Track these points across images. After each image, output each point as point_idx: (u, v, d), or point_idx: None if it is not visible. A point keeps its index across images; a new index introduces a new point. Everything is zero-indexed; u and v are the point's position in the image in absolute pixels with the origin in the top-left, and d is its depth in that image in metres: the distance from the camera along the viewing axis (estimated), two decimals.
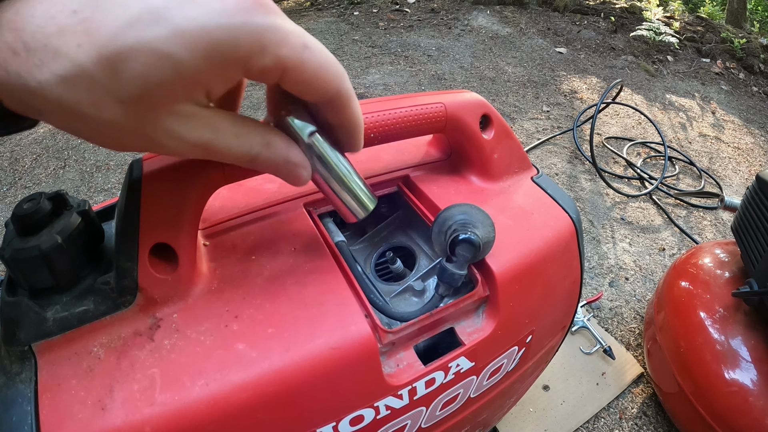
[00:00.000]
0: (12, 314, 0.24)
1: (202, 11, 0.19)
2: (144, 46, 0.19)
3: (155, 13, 0.19)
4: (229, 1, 0.19)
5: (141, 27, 0.18)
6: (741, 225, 0.69)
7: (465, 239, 0.31)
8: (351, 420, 0.29)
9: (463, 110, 0.38)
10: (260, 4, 0.20)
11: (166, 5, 0.19)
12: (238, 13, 0.19)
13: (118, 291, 0.25)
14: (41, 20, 0.18)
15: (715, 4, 4.35)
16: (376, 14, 2.55)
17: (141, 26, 0.18)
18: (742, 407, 0.58)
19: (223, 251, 0.31)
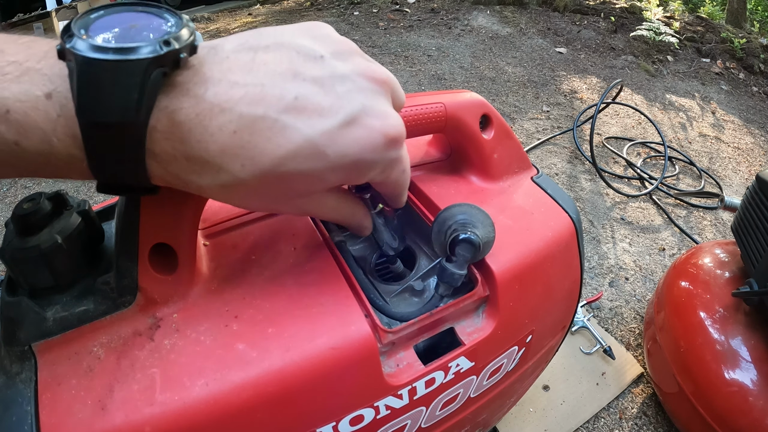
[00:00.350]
0: (12, 314, 0.24)
1: (355, 146, 0.22)
2: (301, 174, 0.22)
3: (314, 149, 0.21)
4: (378, 139, 0.22)
5: (301, 160, 0.21)
6: (741, 225, 0.69)
7: (465, 239, 0.31)
8: (351, 420, 0.29)
9: (463, 110, 0.38)
10: (396, 141, 0.23)
11: (324, 140, 0.21)
12: (383, 149, 0.23)
13: (118, 291, 0.25)
14: (201, 137, 0.20)
15: (715, 4, 4.35)
16: (376, 14, 2.55)
17: (301, 159, 0.21)
18: (742, 407, 0.58)
19: (223, 251, 0.31)
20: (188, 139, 0.20)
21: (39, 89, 0.19)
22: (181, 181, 0.21)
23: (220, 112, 0.20)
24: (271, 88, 0.21)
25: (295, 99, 0.21)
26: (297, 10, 2.77)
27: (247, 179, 0.21)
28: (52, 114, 0.19)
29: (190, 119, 0.20)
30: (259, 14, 2.77)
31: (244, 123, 0.20)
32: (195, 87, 0.20)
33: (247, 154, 0.21)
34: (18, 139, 0.19)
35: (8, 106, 0.18)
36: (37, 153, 0.19)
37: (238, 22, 2.65)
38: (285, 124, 0.21)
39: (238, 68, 0.21)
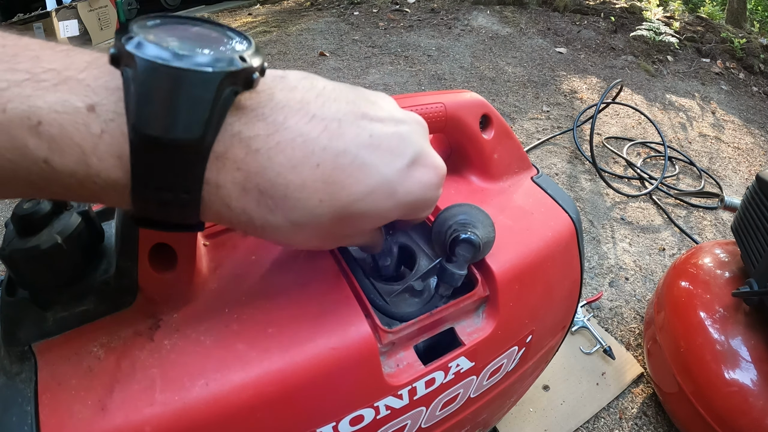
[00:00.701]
0: (12, 314, 0.24)
1: (419, 185, 0.23)
2: (373, 212, 0.22)
3: (388, 189, 0.21)
4: (434, 180, 0.23)
5: (376, 198, 0.21)
6: (741, 225, 0.69)
7: (465, 239, 0.31)
8: (351, 420, 0.29)
9: (463, 110, 0.38)
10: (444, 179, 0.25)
11: (396, 180, 0.21)
12: (437, 187, 0.24)
13: (118, 291, 0.25)
14: (283, 168, 0.19)
15: (715, 4, 4.35)
16: (376, 14, 2.55)
17: (376, 197, 0.21)
18: (742, 407, 0.58)
19: (223, 251, 0.31)
20: (266, 170, 0.19)
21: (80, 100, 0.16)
22: (244, 216, 0.20)
23: (304, 143, 0.19)
24: (347, 124, 0.20)
25: (370, 137, 0.21)
26: (297, 10, 2.77)
27: (321, 216, 0.20)
28: (94, 129, 0.16)
29: (269, 147, 0.18)
30: (259, 14, 2.77)
31: (327, 157, 0.19)
32: (272, 113, 0.19)
33: (328, 189, 0.20)
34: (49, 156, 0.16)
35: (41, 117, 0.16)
36: (70, 174, 0.17)
37: (238, 22, 2.65)
38: (364, 161, 0.20)
39: (312, 100, 0.20)
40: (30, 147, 0.16)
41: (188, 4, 3.17)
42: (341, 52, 2.09)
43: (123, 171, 0.17)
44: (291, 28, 2.40)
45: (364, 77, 1.86)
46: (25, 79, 0.16)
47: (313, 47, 2.13)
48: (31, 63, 0.16)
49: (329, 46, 2.14)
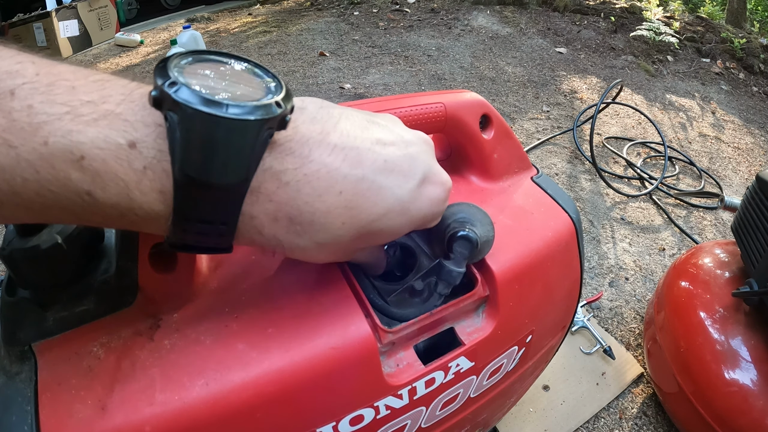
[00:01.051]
0: (12, 314, 0.24)
1: (428, 202, 0.25)
2: (388, 230, 0.23)
3: (403, 207, 0.23)
4: (441, 195, 0.25)
5: (391, 217, 0.23)
6: (741, 225, 0.69)
7: (462, 236, 0.31)
8: (351, 420, 0.29)
9: (463, 110, 0.38)
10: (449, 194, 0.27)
11: (409, 200, 0.23)
12: (443, 201, 0.26)
13: (118, 291, 0.25)
14: (310, 197, 0.21)
15: (715, 4, 4.35)
16: (376, 14, 2.55)
17: (391, 216, 0.23)
18: (742, 407, 0.58)
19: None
20: (295, 200, 0.20)
21: (121, 137, 0.17)
22: (274, 241, 0.21)
23: (327, 173, 0.21)
24: (365, 152, 0.22)
25: (384, 162, 0.22)
26: (297, 10, 2.77)
27: (343, 236, 0.22)
28: (137, 165, 0.17)
29: (297, 180, 0.20)
30: (259, 14, 2.77)
31: (349, 184, 0.21)
32: (299, 147, 0.20)
33: (349, 213, 0.21)
34: (92, 189, 0.17)
35: (83, 152, 0.16)
36: (112, 206, 0.17)
37: (238, 22, 2.65)
38: (380, 184, 0.22)
39: (331, 131, 0.22)
40: (73, 180, 0.16)
41: (188, 4, 3.17)
42: (341, 52, 2.09)
43: (164, 204, 0.18)
44: (291, 28, 2.40)
45: (364, 77, 1.86)
46: (65, 113, 0.16)
47: (313, 47, 2.13)
48: (68, 95, 0.16)
49: (329, 46, 2.14)
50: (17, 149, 0.15)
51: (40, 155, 0.16)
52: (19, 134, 0.15)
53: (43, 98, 0.16)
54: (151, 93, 0.17)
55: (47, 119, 0.16)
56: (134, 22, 2.76)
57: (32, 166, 0.16)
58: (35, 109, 0.16)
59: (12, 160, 0.15)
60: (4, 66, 0.16)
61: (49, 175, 0.16)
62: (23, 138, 0.15)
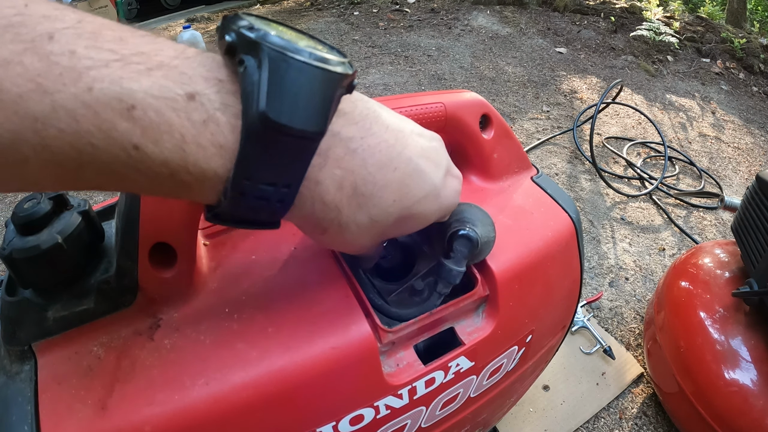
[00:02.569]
0: (12, 313, 0.24)
1: (452, 191, 0.26)
2: (423, 212, 0.24)
3: (436, 193, 0.24)
4: (458, 188, 0.27)
5: (428, 201, 0.24)
6: (741, 225, 0.69)
7: (463, 235, 0.31)
8: (351, 419, 0.29)
9: (463, 110, 0.38)
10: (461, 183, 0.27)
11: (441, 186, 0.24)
12: (458, 195, 0.27)
13: (119, 290, 0.25)
14: (374, 168, 0.21)
15: (715, 4, 4.35)
16: (376, 14, 2.55)
17: (428, 201, 0.24)
18: (742, 407, 0.58)
19: (223, 251, 0.31)
20: (361, 169, 0.20)
21: (179, 87, 0.16)
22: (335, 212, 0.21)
23: (387, 148, 0.21)
24: (407, 135, 0.23)
25: (422, 148, 0.23)
26: (297, 10, 2.77)
27: (391, 215, 0.22)
28: (195, 117, 0.16)
29: (364, 149, 0.20)
30: (259, 14, 2.77)
31: (402, 162, 0.22)
32: (361, 119, 0.20)
33: (400, 191, 0.22)
34: (141, 142, 0.15)
35: (135, 101, 0.15)
36: (162, 162, 0.16)
37: None
38: (422, 168, 0.23)
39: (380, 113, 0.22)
40: (120, 131, 0.15)
41: (188, 4, 3.17)
42: None
43: (223, 161, 0.17)
44: None
45: (364, 77, 1.86)
46: (114, 60, 0.15)
47: None
48: (115, 43, 0.15)
49: None
50: (54, 95, 0.14)
51: (83, 102, 0.14)
52: (58, 79, 0.14)
53: (89, 43, 0.14)
54: (226, 37, 0.16)
55: (93, 64, 0.14)
56: (134, 22, 2.77)
57: (71, 115, 0.14)
58: (79, 54, 0.14)
59: (46, 107, 0.14)
60: (42, 10, 0.14)
61: (92, 125, 0.14)
62: (62, 83, 0.14)
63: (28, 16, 0.14)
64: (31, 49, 0.14)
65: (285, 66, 0.16)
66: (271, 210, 0.19)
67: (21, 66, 0.13)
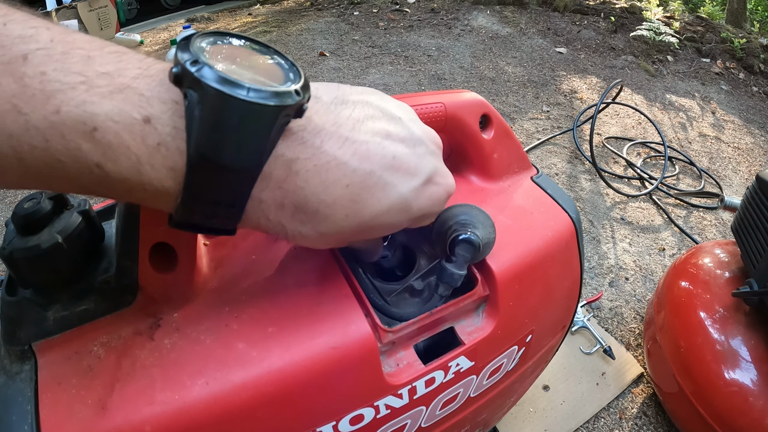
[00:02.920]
0: (12, 313, 0.24)
1: (429, 202, 0.25)
2: (388, 225, 0.24)
3: (404, 205, 0.24)
4: (443, 196, 0.26)
5: (393, 214, 0.23)
6: (741, 225, 0.69)
7: (465, 239, 0.31)
8: (351, 419, 0.29)
9: (463, 110, 0.38)
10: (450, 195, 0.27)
11: (412, 198, 0.24)
12: (443, 202, 0.26)
13: (119, 290, 0.25)
14: (317, 188, 0.21)
15: (715, 4, 4.35)
16: (376, 14, 2.55)
17: (393, 213, 0.23)
18: (742, 407, 0.58)
19: (223, 251, 0.31)
20: (303, 189, 0.20)
21: (136, 111, 0.17)
22: (279, 227, 0.22)
23: (336, 166, 0.21)
24: (374, 146, 0.22)
25: (393, 158, 0.23)
26: (297, 10, 2.77)
27: (344, 228, 0.22)
28: (150, 141, 0.17)
29: (307, 170, 0.20)
30: (259, 14, 2.77)
31: (356, 178, 0.21)
32: (311, 137, 0.20)
33: (354, 206, 0.22)
34: (102, 161, 0.16)
35: (96, 124, 0.16)
36: (121, 180, 0.17)
37: (238, 22, 2.65)
38: (386, 181, 0.22)
39: (343, 122, 0.22)
40: (83, 151, 0.16)
41: (188, 4, 3.17)
42: (341, 52, 2.09)
43: (174, 181, 0.18)
44: (291, 28, 2.40)
45: (364, 77, 1.86)
46: (80, 82, 0.16)
47: (313, 47, 2.13)
48: (83, 64, 0.16)
49: (329, 46, 2.14)
50: (27, 116, 0.15)
51: (51, 123, 0.15)
52: (30, 101, 0.15)
53: (58, 66, 0.16)
54: (172, 69, 0.17)
55: (61, 87, 0.15)
56: (134, 22, 2.76)
57: (42, 134, 0.15)
58: (48, 77, 0.15)
59: (21, 127, 0.15)
60: (18, 30, 0.16)
61: (59, 144, 0.16)
62: (34, 105, 0.15)
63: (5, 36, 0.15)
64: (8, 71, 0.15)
65: (221, 104, 0.17)
66: (221, 222, 0.20)
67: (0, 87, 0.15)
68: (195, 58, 0.17)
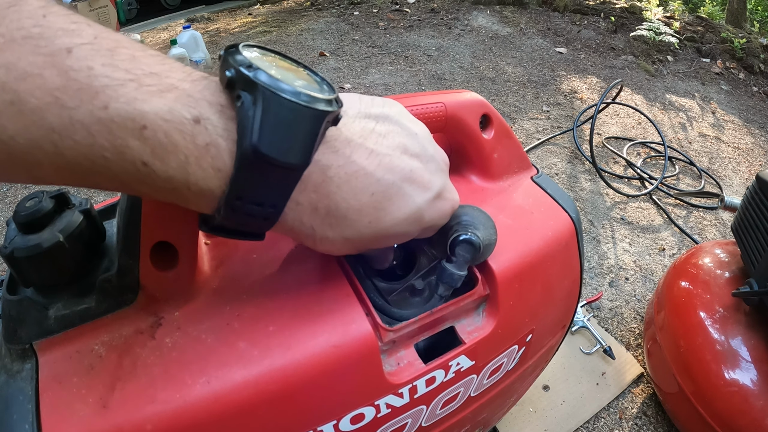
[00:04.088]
0: (13, 312, 0.24)
1: (438, 214, 0.27)
2: (402, 233, 0.25)
3: (418, 216, 0.25)
4: (449, 210, 0.28)
5: (408, 223, 0.25)
6: (741, 225, 0.69)
7: (465, 240, 0.31)
8: (352, 418, 0.29)
9: (463, 110, 0.38)
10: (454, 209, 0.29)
11: (425, 209, 0.26)
12: (447, 217, 0.29)
13: (120, 289, 0.25)
14: (347, 194, 0.22)
15: (715, 4, 4.35)
16: (376, 14, 2.55)
17: (408, 223, 0.25)
18: (742, 407, 0.58)
19: (224, 249, 0.31)
20: (335, 194, 0.22)
21: (187, 111, 0.17)
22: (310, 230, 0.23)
23: (365, 175, 0.22)
24: (396, 159, 0.24)
25: (411, 171, 0.24)
26: (297, 10, 2.77)
27: (366, 234, 0.24)
28: (200, 141, 0.17)
29: (339, 176, 0.22)
30: (259, 14, 2.77)
31: (381, 187, 0.23)
32: (343, 147, 0.22)
33: (376, 214, 0.23)
34: (149, 160, 0.16)
35: (147, 122, 0.16)
36: (166, 178, 0.17)
37: (238, 22, 2.65)
38: (405, 192, 0.24)
39: (368, 135, 0.23)
40: (131, 148, 0.16)
41: (188, 4, 3.17)
42: (341, 52, 2.09)
43: (219, 182, 0.18)
44: (291, 28, 2.40)
45: (364, 77, 1.86)
46: (130, 80, 0.16)
47: (313, 47, 2.13)
48: (130, 62, 0.16)
49: (329, 46, 2.14)
50: (72, 110, 0.15)
51: (98, 119, 0.15)
52: (76, 95, 0.15)
53: (106, 61, 0.15)
54: (226, 72, 0.17)
55: (110, 83, 0.15)
56: (134, 22, 2.76)
57: (87, 130, 0.15)
58: (96, 71, 0.15)
59: (64, 121, 0.15)
60: (59, 23, 0.15)
61: (105, 141, 0.16)
62: (80, 99, 0.15)
63: (46, 28, 0.15)
64: (51, 63, 0.14)
65: (277, 105, 0.18)
66: (258, 225, 0.21)
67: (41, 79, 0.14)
68: (249, 63, 0.18)
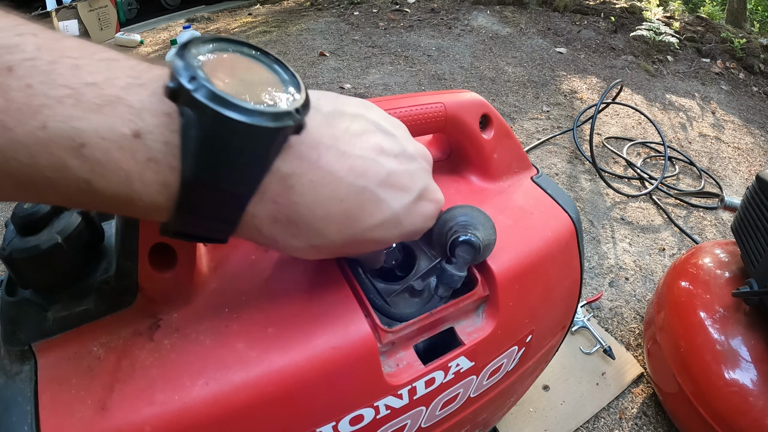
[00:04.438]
0: (12, 314, 0.24)
1: (420, 218, 0.26)
2: (380, 239, 0.24)
3: (396, 221, 0.24)
4: (433, 212, 0.27)
5: (384, 229, 0.24)
6: (741, 225, 0.69)
7: (465, 241, 0.31)
8: (351, 420, 0.29)
9: (463, 110, 0.38)
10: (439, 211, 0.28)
11: (403, 214, 0.24)
12: (433, 218, 0.28)
13: (118, 290, 0.25)
14: (312, 203, 0.21)
15: (715, 4, 4.35)
16: (376, 14, 2.55)
17: (385, 228, 0.24)
18: (742, 407, 0.58)
19: (223, 251, 0.31)
20: (298, 204, 0.20)
21: (126, 126, 0.16)
22: (271, 240, 0.22)
23: (332, 181, 0.21)
24: (370, 162, 0.22)
25: (387, 175, 0.23)
26: (297, 10, 2.77)
27: (336, 242, 0.23)
28: (140, 157, 0.16)
29: (303, 184, 0.20)
30: (259, 14, 2.77)
31: (351, 193, 0.21)
32: (308, 152, 0.20)
33: (347, 221, 0.22)
34: (91, 178, 0.16)
35: (84, 140, 0.15)
36: (111, 195, 0.17)
37: (238, 22, 2.65)
38: (380, 197, 0.23)
39: (341, 136, 0.22)
40: (71, 167, 0.16)
41: (188, 4, 3.17)
42: (341, 52, 2.09)
43: (167, 197, 0.17)
44: (291, 28, 2.40)
45: (364, 77, 1.86)
46: (67, 96, 0.15)
47: (313, 47, 2.13)
48: (70, 75, 0.15)
49: (329, 46, 2.14)
50: (12, 131, 0.15)
51: (37, 139, 0.15)
52: (16, 115, 0.14)
53: (44, 78, 0.15)
54: (168, 84, 0.16)
55: (46, 102, 0.15)
56: (134, 22, 2.76)
57: (28, 150, 0.15)
58: (34, 90, 0.15)
59: (7, 142, 0.15)
60: (3, 39, 0.15)
61: (46, 160, 0.15)
62: (20, 120, 0.14)
63: None
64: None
65: (219, 126, 0.16)
66: (213, 234, 0.20)
67: None
68: (193, 74, 0.16)
